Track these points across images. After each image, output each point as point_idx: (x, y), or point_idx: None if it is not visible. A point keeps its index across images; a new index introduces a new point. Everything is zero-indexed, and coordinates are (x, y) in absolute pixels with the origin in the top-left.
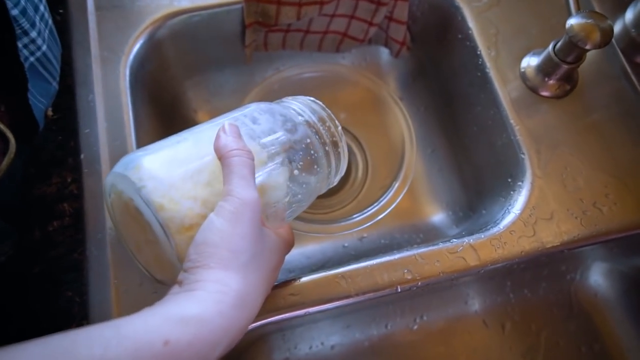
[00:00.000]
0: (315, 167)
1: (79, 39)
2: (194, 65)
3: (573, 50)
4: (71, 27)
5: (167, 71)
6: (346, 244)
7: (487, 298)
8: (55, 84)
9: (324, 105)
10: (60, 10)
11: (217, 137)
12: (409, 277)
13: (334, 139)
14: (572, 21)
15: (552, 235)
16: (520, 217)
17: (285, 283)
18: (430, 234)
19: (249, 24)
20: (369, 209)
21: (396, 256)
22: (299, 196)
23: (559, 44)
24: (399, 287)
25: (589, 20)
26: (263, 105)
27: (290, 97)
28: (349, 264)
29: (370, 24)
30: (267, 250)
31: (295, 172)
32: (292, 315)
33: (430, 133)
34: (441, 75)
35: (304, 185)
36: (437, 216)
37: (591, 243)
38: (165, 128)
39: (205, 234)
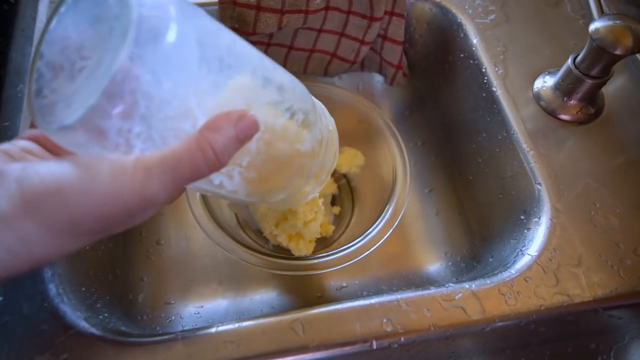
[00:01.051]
0: None
1: (23, 26)
2: None
3: (600, 58)
4: (18, 14)
5: None
6: (320, 294)
7: None
8: None
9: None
10: (12, 0)
11: (227, 114)
12: (389, 329)
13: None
14: (598, 24)
15: (580, 287)
16: (537, 260)
17: (221, 326)
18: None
19: None
20: (348, 246)
21: (373, 300)
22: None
23: (580, 55)
24: (374, 342)
25: (618, 22)
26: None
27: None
28: (310, 308)
29: (362, 42)
30: None
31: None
32: None
33: (428, 170)
34: (442, 102)
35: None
36: (434, 266)
37: (636, 302)
38: None
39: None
